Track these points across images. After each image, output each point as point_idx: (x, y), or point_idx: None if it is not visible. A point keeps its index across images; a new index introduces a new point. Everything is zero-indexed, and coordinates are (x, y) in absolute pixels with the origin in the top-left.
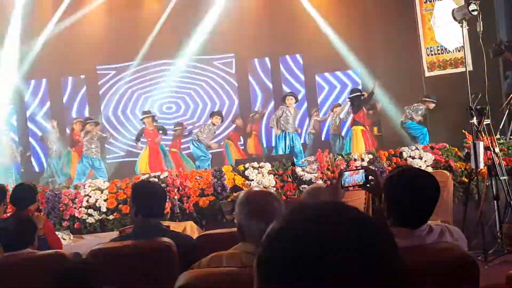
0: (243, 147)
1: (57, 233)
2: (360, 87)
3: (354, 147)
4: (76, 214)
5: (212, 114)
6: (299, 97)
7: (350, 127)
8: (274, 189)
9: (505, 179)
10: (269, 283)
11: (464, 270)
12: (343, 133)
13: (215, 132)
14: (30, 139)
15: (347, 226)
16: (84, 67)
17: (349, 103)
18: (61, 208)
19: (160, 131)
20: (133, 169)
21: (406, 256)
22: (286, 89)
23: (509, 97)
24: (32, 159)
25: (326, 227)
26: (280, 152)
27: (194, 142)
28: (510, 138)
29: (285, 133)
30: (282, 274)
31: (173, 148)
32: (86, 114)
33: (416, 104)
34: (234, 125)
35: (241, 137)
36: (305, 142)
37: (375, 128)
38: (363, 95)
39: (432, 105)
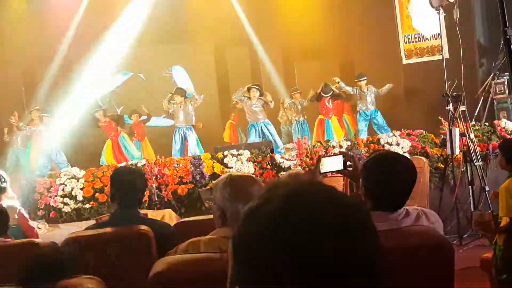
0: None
1: (32, 222)
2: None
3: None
4: (52, 203)
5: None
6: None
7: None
8: (254, 176)
9: (479, 165)
10: (243, 261)
11: (440, 253)
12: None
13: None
14: None
15: (323, 204)
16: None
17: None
18: (36, 198)
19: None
20: (98, 161)
21: (383, 239)
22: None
23: (484, 84)
24: None
25: (302, 205)
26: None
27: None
28: (485, 125)
29: (255, 124)
30: (256, 252)
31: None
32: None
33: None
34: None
35: None
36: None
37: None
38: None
39: (361, 83)
